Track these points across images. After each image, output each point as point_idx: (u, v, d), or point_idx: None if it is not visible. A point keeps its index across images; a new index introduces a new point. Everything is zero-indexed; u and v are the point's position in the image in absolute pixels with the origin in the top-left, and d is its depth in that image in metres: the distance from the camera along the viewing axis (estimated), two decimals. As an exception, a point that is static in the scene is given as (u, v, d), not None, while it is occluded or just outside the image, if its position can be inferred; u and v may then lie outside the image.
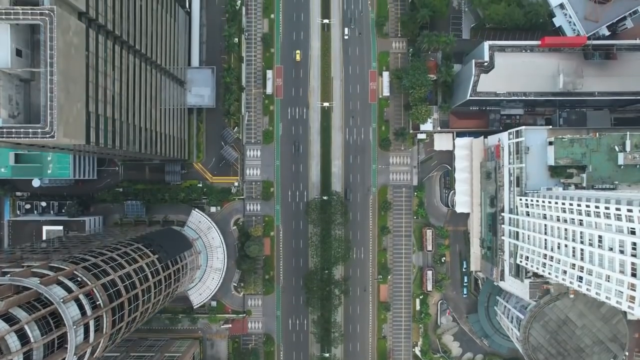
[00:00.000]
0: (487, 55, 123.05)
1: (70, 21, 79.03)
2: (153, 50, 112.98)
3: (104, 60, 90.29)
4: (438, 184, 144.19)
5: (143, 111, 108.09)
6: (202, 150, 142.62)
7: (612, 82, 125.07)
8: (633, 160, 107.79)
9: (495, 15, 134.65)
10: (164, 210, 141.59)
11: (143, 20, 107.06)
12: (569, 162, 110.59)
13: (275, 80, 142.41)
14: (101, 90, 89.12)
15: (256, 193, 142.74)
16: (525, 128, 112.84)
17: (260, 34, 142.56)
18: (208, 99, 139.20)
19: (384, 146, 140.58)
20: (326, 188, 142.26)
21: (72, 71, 79.70)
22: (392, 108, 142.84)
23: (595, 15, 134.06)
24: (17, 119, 79.80)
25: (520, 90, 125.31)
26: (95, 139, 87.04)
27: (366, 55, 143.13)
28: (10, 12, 75.23)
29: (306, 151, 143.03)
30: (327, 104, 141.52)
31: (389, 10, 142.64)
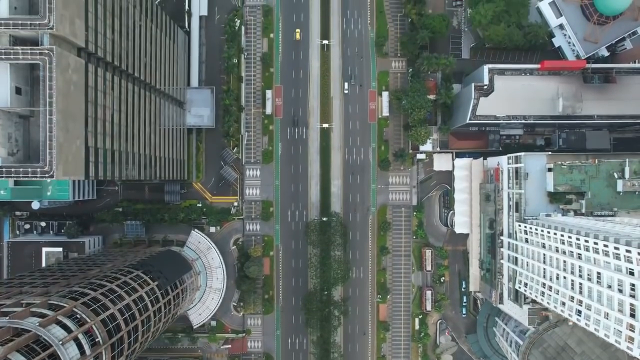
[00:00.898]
0: (486, 78, 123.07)
1: (70, 59, 79.00)
2: (152, 75, 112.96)
3: (103, 93, 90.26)
4: (437, 204, 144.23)
5: (142, 137, 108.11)
6: (202, 170, 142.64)
7: (612, 105, 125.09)
8: (632, 188, 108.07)
9: (495, 36, 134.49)
10: (163, 230, 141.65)
11: (142, 48, 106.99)
12: (568, 189, 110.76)
13: (274, 99, 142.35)
14: (100, 123, 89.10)
15: (256, 213, 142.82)
16: (525, 154, 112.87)
17: (260, 53, 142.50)
18: (207, 120, 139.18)
19: (384, 167, 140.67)
20: (326, 208, 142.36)
21: (72, 108, 79.70)
22: (391, 128, 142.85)
23: (594, 36, 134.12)
24: (17, 156, 79.86)
25: (520, 114, 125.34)
26: (95, 173, 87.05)
27: (366, 74, 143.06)
28: (10, 52, 75.30)
29: (306, 171, 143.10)
30: (327, 125, 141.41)
31: (389, 30, 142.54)
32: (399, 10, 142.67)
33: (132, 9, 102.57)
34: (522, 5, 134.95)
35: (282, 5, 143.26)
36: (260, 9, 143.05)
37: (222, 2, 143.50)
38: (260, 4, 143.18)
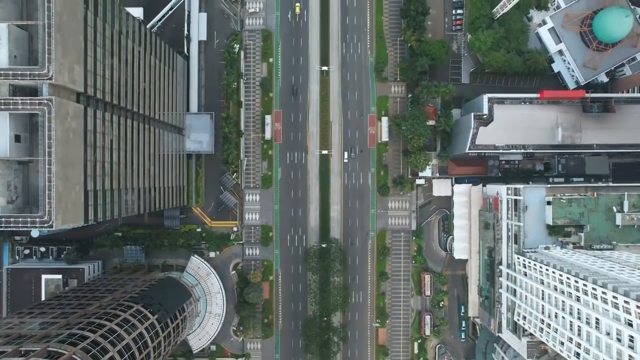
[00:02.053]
0: (486, 108, 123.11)
1: (69, 107, 79.02)
2: (151, 107, 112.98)
3: (102, 134, 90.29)
4: (437, 228, 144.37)
5: (142, 171, 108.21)
6: (201, 195, 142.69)
7: (611, 134, 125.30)
8: (631, 222, 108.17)
9: (494, 63, 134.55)
10: (163, 254, 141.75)
11: (141, 81, 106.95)
12: (567, 222, 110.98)
13: (274, 124, 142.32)
14: (99, 164, 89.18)
15: (255, 237, 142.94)
16: (524, 187, 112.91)
17: (259, 78, 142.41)
18: (207, 145, 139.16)
19: (383, 192, 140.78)
20: (325, 232, 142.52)
21: (71, 156, 79.76)
22: (390, 153, 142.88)
23: (593, 62, 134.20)
24: (16, 203, 79.93)
25: (520, 143, 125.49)
26: (94, 216, 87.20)
27: (365, 99, 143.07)
28: (10, 102, 75.37)
29: (305, 195, 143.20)
30: (326, 152, 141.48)
31: (388, 54, 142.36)
32: (398, 35, 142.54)
33: (131, 43, 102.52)
34: (522, 31, 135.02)
35: (282, 29, 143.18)
36: (260, 33, 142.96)
37: (221, 26, 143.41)
38: (259, 28, 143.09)
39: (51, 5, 74.71)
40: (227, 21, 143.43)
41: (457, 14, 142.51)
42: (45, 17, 74.78)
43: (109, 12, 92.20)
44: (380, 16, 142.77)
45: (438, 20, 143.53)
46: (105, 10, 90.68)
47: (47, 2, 74.70)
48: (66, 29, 77.74)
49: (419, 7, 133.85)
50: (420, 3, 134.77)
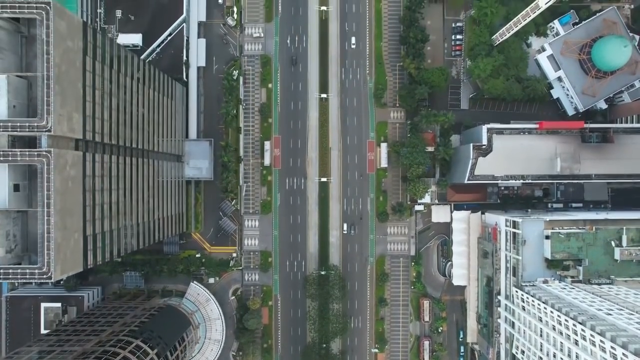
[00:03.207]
0: (485, 138, 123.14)
1: (67, 156, 79.08)
2: (150, 141, 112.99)
3: (101, 177, 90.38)
4: (436, 253, 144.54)
5: (141, 206, 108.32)
6: (201, 220, 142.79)
7: (609, 164, 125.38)
8: (629, 257, 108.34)
9: (493, 90, 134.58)
10: (162, 280, 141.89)
11: (139, 117, 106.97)
12: (565, 256, 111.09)
13: (273, 150, 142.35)
14: (98, 208, 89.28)
15: (254, 263, 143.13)
16: (523, 220, 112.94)
17: (258, 104, 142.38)
18: (206, 172, 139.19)
19: (382, 219, 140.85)
20: (324, 258, 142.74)
21: (69, 204, 79.83)
22: (390, 179, 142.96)
23: (592, 90, 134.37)
24: (15, 251, 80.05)
25: (519, 173, 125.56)
26: (94, 260, 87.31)
27: (364, 125, 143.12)
28: (9, 153, 75.39)
29: (304, 221, 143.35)
30: (325, 179, 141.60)
31: (388, 80, 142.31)
32: (397, 61, 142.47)
33: (130, 80, 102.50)
34: (521, 59, 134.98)
35: (281, 55, 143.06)
36: (259, 58, 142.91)
37: (220, 52, 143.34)
38: (258, 53, 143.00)
39: (50, 57, 74.75)
40: (226, 46, 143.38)
41: (457, 40, 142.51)
42: (44, 68, 74.81)
43: (107, 54, 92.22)
44: (380, 42, 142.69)
45: (437, 46, 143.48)
46: (104, 52, 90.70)
47: (46, 54, 74.72)
48: (65, 79, 77.79)
49: (419, 34, 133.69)
50: (420, 30, 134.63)
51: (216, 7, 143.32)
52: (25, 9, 74.87)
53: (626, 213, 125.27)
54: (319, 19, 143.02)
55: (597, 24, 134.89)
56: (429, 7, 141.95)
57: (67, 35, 78.40)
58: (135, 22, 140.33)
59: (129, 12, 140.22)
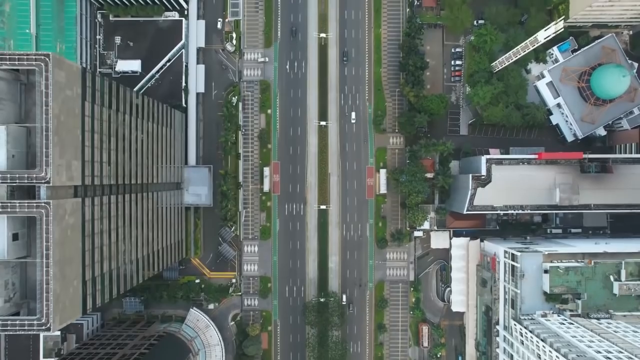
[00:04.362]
0: (484, 169, 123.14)
1: (66, 205, 79.17)
2: (150, 175, 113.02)
3: (100, 219, 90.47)
4: (435, 278, 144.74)
5: (141, 242, 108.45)
6: (200, 246, 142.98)
7: (608, 194, 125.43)
8: (628, 291, 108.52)
9: (493, 117, 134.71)
10: (162, 305, 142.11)
11: (138, 153, 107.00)
12: (564, 290, 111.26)
13: (272, 176, 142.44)
14: (97, 251, 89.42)
15: (254, 288, 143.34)
16: (521, 255, 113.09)
17: (257, 129, 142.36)
18: (205, 198, 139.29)
19: (381, 246, 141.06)
20: (323, 283, 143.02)
21: (68, 253, 79.96)
22: (389, 204, 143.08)
23: (591, 117, 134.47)
24: (14, 300, 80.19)
25: (517, 204, 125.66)
26: (93, 304, 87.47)
27: (363, 151, 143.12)
28: (7, 205, 75.41)
29: (303, 247, 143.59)
30: (325, 207, 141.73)
31: (387, 106, 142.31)
32: (397, 86, 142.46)
33: (129, 117, 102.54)
34: (521, 86, 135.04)
35: (280, 80, 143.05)
36: (258, 84, 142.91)
37: (219, 77, 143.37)
38: (257, 79, 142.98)
39: (49, 108, 74.82)
40: (225, 72, 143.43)
41: (456, 65, 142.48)
42: (43, 120, 74.86)
43: (106, 95, 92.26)
44: (379, 68, 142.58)
45: (437, 71, 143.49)
46: (102, 95, 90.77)
47: (45, 105, 74.79)
48: (64, 129, 77.84)
49: (418, 61, 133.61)
50: (419, 58, 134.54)
51: (215, 33, 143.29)
52: (25, 60, 74.87)
53: (625, 242, 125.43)
54: (318, 45, 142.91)
55: (596, 51, 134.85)
56: (429, 32, 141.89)
57: (66, 84, 78.44)
58: (134, 48, 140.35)
59: (128, 39, 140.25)
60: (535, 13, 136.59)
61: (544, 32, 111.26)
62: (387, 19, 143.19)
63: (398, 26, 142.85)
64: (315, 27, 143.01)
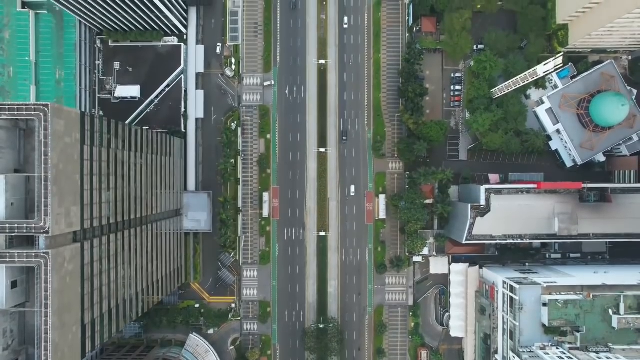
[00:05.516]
0: (483, 199, 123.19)
1: (66, 252, 79.27)
2: (149, 207, 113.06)
3: (100, 260, 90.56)
4: (434, 302, 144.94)
5: (140, 275, 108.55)
6: (199, 271, 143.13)
7: (607, 224, 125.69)
8: (627, 325, 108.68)
9: (492, 144, 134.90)
10: (162, 330, 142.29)
11: (138, 188, 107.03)
12: (563, 323, 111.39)
13: (271, 201, 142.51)
14: (97, 292, 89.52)
15: (253, 313, 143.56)
16: (520, 286, 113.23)
17: (257, 154, 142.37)
18: (204, 224, 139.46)
19: (380, 271, 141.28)
20: (323, 308, 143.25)
21: (67, 300, 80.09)
22: (388, 229, 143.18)
23: (590, 144, 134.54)
24: (12, 347, 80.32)
25: (516, 233, 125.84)
26: (92, 346, 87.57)
27: (363, 176, 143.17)
28: (6, 255, 75.49)
29: (303, 271, 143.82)
30: (324, 233, 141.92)
31: (386, 132, 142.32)
32: (396, 111, 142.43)
33: (127, 153, 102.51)
34: (520, 113, 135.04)
35: (279, 105, 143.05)
36: (257, 109, 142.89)
37: (219, 102, 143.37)
38: (256, 104, 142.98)
39: (48, 157, 74.86)
40: (225, 97, 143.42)
41: (456, 90, 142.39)
42: (42, 169, 74.89)
43: (105, 135, 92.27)
44: (379, 93, 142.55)
45: (436, 96, 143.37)
46: (101, 136, 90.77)
47: (44, 155, 74.82)
48: (63, 177, 77.89)
49: (417, 88, 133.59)
50: (419, 85, 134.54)
51: (214, 57, 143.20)
52: (24, 111, 74.87)
53: (624, 270, 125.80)
54: (317, 70, 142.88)
55: (595, 77, 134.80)
56: (428, 57, 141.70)
57: (65, 132, 78.48)
58: (133, 73, 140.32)
59: (127, 64, 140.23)
60: (535, 39, 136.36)
61: (543, 67, 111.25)
62: (387, 43, 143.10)
63: (398, 51, 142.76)
64: (314, 52, 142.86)
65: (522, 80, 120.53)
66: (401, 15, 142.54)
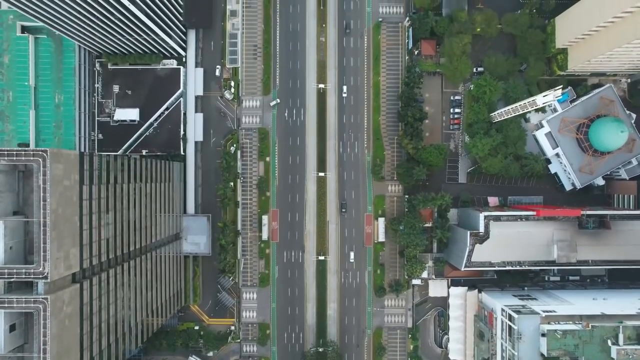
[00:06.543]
0: (482, 226, 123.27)
1: (65, 296, 79.36)
2: (149, 236, 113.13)
3: (99, 298, 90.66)
4: (433, 324, 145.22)
5: (139, 306, 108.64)
6: (199, 293, 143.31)
7: (606, 250, 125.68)
8: (626, 356, 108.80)
9: (491, 169, 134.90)
10: (162, 352, 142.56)
11: (138, 219, 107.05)
12: (562, 354, 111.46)
13: (270, 224, 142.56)
14: (96, 330, 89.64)
15: (253, 335, 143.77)
16: (518, 316, 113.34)
17: (256, 177, 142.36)
18: (204, 247, 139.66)
19: (379, 294, 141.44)
20: (322, 330, 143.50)
21: (66, 343, 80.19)
22: (387, 252, 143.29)
23: (589, 168, 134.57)
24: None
25: (515, 260, 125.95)
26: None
27: (362, 199, 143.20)
28: (5, 300, 75.57)
29: (302, 294, 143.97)
30: (323, 257, 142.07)
31: (386, 154, 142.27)
32: (395, 133, 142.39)
33: (126, 186, 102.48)
34: (520, 137, 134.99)
35: (279, 128, 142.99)
36: (256, 131, 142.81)
37: (218, 125, 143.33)
38: (256, 127, 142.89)
39: (47, 203, 74.88)
40: (224, 119, 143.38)
41: (455, 113, 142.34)
42: (40, 215, 74.89)
43: (104, 172, 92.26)
44: (378, 116, 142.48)
45: (436, 119, 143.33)
46: (100, 173, 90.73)
47: (43, 201, 74.82)
48: (62, 221, 77.93)
49: (417, 113, 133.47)
50: (418, 109, 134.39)
51: (214, 80, 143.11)
52: (23, 156, 74.90)
53: (623, 296, 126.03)
54: (317, 92, 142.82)
55: (594, 101, 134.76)
56: (428, 79, 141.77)
57: (64, 175, 78.49)
58: (132, 96, 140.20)
59: (127, 87, 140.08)
60: (534, 62, 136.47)
61: (542, 98, 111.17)
62: (386, 66, 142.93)
63: (397, 74, 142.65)
64: (314, 74, 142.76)
65: (521, 109, 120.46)
66: (401, 38, 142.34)
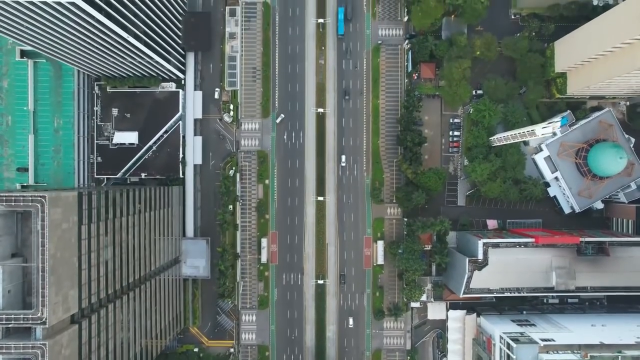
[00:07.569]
0: (481, 253, 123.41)
1: (63, 339, 79.54)
2: (148, 266, 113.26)
3: (98, 335, 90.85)
4: (431, 346, 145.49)
5: (139, 334, 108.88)
6: (198, 316, 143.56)
7: (605, 277, 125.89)
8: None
9: (491, 193, 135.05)
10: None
11: (137, 250, 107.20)
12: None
13: (270, 247, 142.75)
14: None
15: (252, 357, 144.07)
16: (517, 345, 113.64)
17: (255, 200, 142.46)
18: (203, 270, 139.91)
19: (378, 317, 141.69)
20: (321, 352, 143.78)
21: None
22: (386, 274, 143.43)
23: (588, 192, 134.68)
24: None
25: (514, 286, 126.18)
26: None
27: (361, 221, 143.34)
28: (3, 345, 75.70)
29: (301, 316, 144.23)
30: (322, 281, 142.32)
31: (385, 177, 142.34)
32: (395, 156, 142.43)
33: (125, 218, 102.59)
34: (519, 162, 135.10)
35: (278, 151, 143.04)
36: (256, 154, 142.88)
37: (217, 147, 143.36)
38: (255, 149, 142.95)
39: (45, 248, 74.97)
40: (223, 142, 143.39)
41: (454, 136, 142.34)
42: (39, 260, 75.02)
43: (102, 208, 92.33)
44: (377, 139, 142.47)
45: (435, 142, 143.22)
46: (99, 210, 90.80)
47: (42, 246, 74.92)
48: (60, 265, 78.07)
49: (416, 138, 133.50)
50: (417, 134, 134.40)
51: (212, 103, 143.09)
52: (21, 202, 74.99)
53: (621, 321, 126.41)
54: (316, 115, 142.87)
55: (593, 125, 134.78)
56: (427, 102, 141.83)
57: (63, 218, 78.59)
58: (131, 119, 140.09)
59: (125, 110, 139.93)
60: (534, 86, 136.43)
61: (542, 129, 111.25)
62: (386, 89, 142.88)
63: (396, 97, 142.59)
64: (313, 97, 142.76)
65: (520, 137, 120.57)
66: (400, 61, 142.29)
